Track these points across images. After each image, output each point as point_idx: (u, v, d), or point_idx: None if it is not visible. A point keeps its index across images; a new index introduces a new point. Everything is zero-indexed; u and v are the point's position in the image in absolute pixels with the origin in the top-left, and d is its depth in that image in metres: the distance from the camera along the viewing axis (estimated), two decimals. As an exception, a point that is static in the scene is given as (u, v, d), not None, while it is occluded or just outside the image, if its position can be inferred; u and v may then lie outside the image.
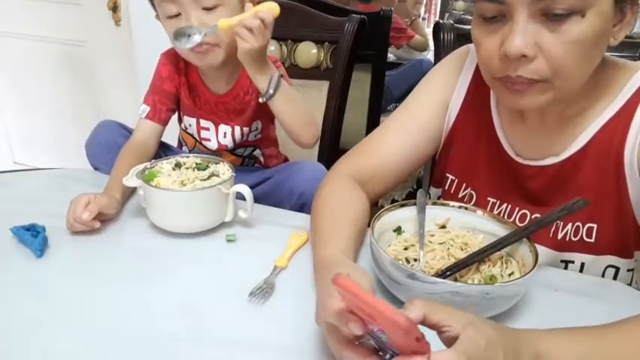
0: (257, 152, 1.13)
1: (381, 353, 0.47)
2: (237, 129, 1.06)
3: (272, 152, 1.16)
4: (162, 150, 1.09)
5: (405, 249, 0.70)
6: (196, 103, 1.06)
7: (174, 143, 1.17)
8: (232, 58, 0.94)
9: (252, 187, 0.82)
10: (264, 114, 1.06)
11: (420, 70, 2.61)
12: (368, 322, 0.43)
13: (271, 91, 0.92)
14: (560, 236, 0.74)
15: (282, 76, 0.94)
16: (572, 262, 0.74)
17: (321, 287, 0.58)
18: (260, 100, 0.93)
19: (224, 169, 0.86)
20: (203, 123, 1.07)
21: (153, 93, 1.04)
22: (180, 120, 1.13)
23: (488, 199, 0.80)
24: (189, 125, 1.09)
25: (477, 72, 0.81)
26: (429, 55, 2.70)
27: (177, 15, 0.91)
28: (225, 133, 1.07)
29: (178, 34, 0.90)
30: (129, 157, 0.93)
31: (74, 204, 0.77)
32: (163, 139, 1.10)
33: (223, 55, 0.95)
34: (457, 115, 0.83)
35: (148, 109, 1.02)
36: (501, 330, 0.47)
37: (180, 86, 1.05)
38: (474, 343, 0.43)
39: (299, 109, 0.98)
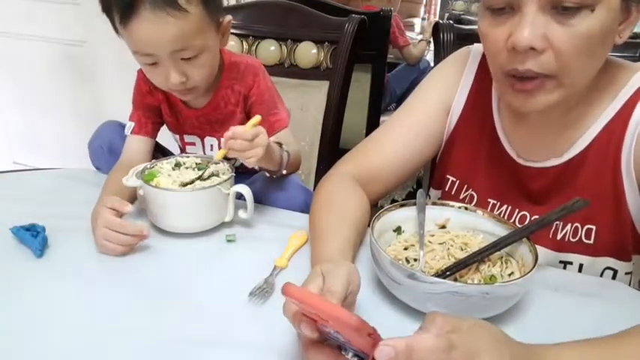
0: None
1: (343, 353, 0.47)
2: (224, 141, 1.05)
3: None
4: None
5: (405, 249, 0.70)
6: (179, 120, 1.03)
7: (174, 149, 1.16)
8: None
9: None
10: None
11: (418, 68, 2.62)
12: (324, 325, 0.44)
13: (284, 172, 0.90)
14: (559, 237, 0.74)
15: (286, 151, 0.90)
16: (571, 263, 0.74)
17: None
18: (267, 174, 0.92)
19: (224, 169, 0.86)
20: (187, 138, 1.05)
21: (136, 109, 1.01)
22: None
23: (489, 200, 0.80)
24: (176, 141, 1.08)
25: (479, 74, 0.81)
26: (428, 55, 2.70)
27: (154, 64, 0.85)
28: (211, 146, 1.05)
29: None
30: (113, 180, 0.87)
31: (106, 226, 0.72)
32: (165, 145, 1.09)
33: (203, 89, 0.94)
34: (459, 117, 0.83)
35: (133, 124, 0.99)
36: (511, 340, 0.46)
37: (160, 102, 1.02)
38: (474, 334, 0.42)
39: (296, 163, 0.98)
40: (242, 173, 1.09)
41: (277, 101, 1.02)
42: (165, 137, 1.07)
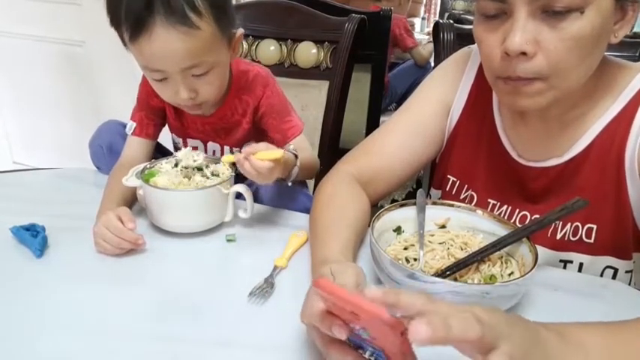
0: None
1: (360, 351, 0.47)
2: (227, 149, 1.03)
3: None
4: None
5: (405, 249, 0.70)
6: (183, 124, 1.03)
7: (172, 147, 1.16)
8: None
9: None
10: (258, 135, 1.02)
11: (419, 68, 2.62)
12: (349, 320, 0.43)
13: (289, 183, 0.90)
14: (558, 236, 0.74)
15: (295, 155, 0.88)
16: (571, 262, 0.74)
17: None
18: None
19: (224, 169, 0.85)
20: (191, 142, 1.05)
21: (139, 109, 1.00)
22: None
23: (489, 200, 0.80)
24: (177, 143, 1.08)
25: (480, 73, 0.81)
26: (429, 55, 2.70)
27: (164, 79, 0.84)
28: (214, 152, 1.04)
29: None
30: (116, 182, 0.85)
31: (106, 226, 0.72)
32: (165, 145, 1.09)
33: (211, 104, 0.93)
34: (459, 117, 0.83)
35: (134, 125, 0.98)
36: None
37: (166, 105, 1.00)
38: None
39: (310, 170, 0.99)
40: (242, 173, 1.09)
41: (289, 109, 1.01)
42: (165, 137, 1.07)
